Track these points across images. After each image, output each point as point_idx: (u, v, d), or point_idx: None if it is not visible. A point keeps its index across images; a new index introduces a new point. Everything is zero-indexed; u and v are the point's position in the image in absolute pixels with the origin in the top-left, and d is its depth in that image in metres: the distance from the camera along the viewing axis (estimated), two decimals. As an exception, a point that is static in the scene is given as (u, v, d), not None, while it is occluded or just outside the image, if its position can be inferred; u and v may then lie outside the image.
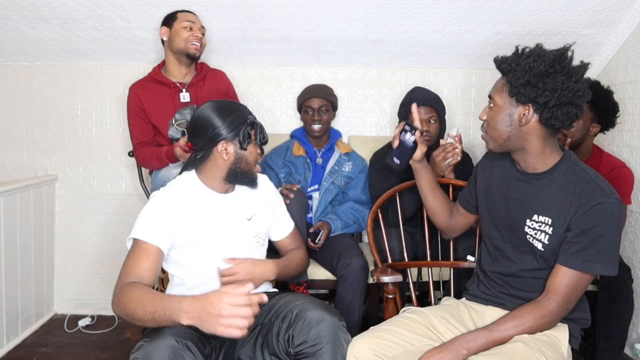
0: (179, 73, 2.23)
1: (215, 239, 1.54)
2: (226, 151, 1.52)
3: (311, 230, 2.17)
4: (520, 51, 1.36)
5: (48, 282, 2.71)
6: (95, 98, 2.70)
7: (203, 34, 2.23)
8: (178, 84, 2.22)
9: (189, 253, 1.52)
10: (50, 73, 2.68)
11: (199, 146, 1.54)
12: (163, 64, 2.27)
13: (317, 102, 2.33)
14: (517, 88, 1.32)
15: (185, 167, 1.62)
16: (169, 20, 2.20)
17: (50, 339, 2.47)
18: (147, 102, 2.20)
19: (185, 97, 2.21)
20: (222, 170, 1.55)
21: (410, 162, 1.65)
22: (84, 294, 2.76)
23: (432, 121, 2.15)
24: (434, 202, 1.71)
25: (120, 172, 2.74)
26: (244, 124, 1.53)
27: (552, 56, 1.30)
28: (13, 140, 2.73)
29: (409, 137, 1.61)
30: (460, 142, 1.95)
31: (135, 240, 1.42)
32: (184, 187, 1.55)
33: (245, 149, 1.53)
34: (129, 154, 2.44)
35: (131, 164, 2.70)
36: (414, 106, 1.65)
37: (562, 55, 1.31)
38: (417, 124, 1.63)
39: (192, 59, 2.21)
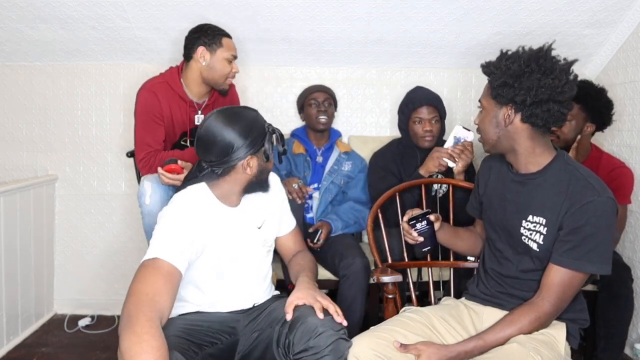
0: (197, 93, 2.08)
1: (228, 256, 1.49)
2: (250, 166, 1.45)
3: (310, 230, 2.17)
4: (503, 54, 1.38)
5: (48, 282, 2.71)
6: (95, 98, 2.70)
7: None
8: (195, 104, 2.08)
9: (202, 272, 1.48)
10: (50, 73, 2.68)
11: (216, 163, 1.44)
12: (181, 69, 2.08)
13: (322, 95, 2.35)
14: (496, 89, 1.36)
15: (196, 180, 1.51)
16: (212, 44, 1.99)
17: (50, 339, 2.47)
18: (165, 108, 2.01)
19: (200, 119, 2.07)
20: (241, 184, 1.49)
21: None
22: (84, 294, 2.76)
23: (434, 121, 2.15)
24: (463, 244, 1.70)
25: (120, 172, 2.74)
26: (265, 135, 1.46)
27: (527, 56, 1.33)
28: (13, 140, 2.73)
29: (423, 224, 1.60)
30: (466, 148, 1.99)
31: (156, 260, 1.29)
32: (198, 203, 1.45)
33: (269, 160, 1.49)
34: (127, 154, 2.38)
35: (132, 163, 2.70)
36: (404, 225, 1.62)
37: (539, 54, 1.33)
38: (417, 212, 1.61)
39: (220, 93, 2.09)
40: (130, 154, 2.36)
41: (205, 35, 2.01)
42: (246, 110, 1.49)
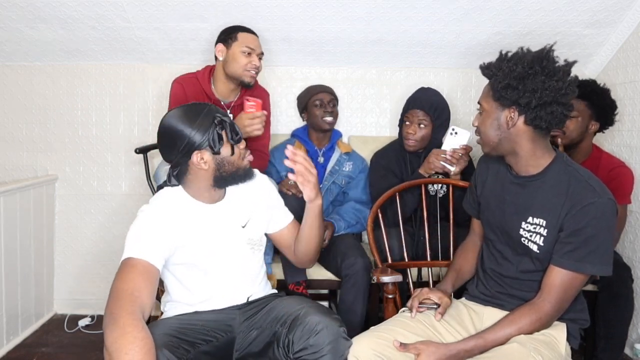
0: (225, 92, 2.12)
1: (209, 252, 1.48)
2: (203, 161, 1.41)
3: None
4: (503, 55, 1.37)
5: (48, 282, 2.71)
6: (95, 98, 2.70)
7: (261, 59, 2.10)
8: (223, 104, 2.11)
9: (185, 269, 1.48)
10: (50, 73, 2.68)
11: (174, 162, 1.44)
12: (213, 70, 2.14)
13: (327, 96, 2.36)
14: (499, 92, 1.34)
15: (164, 185, 1.51)
16: (228, 39, 2.06)
17: (50, 339, 2.47)
18: (190, 101, 2.02)
19: None
20: (207, 180, 1.45)
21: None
22: (84, 294, 2.76)
23: (421, 125, 2.13)
24: (469, 276, 1.65)
25: (120, 172, 2.74)
26: (212, 125, 1.40)
27: (530, 57, 1.31)
28: (13, 140, 2.73)
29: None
30: (466, 153, 1.99)
31: (131, 259, 1.32)
32: (172, 202, 1.45)
33: (219, 153, 1.42)
34: (135, 151, 2.34)
35: (132, 163, 2.71)
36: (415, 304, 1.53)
37: (541, 55, 1.32)
38: (427, 299, 1.52)
39: (246, 87, 2.10)
40: (139, 151, 2.35)
41: (224, 33, 2.10)
42: (198, 104, 1.46)
